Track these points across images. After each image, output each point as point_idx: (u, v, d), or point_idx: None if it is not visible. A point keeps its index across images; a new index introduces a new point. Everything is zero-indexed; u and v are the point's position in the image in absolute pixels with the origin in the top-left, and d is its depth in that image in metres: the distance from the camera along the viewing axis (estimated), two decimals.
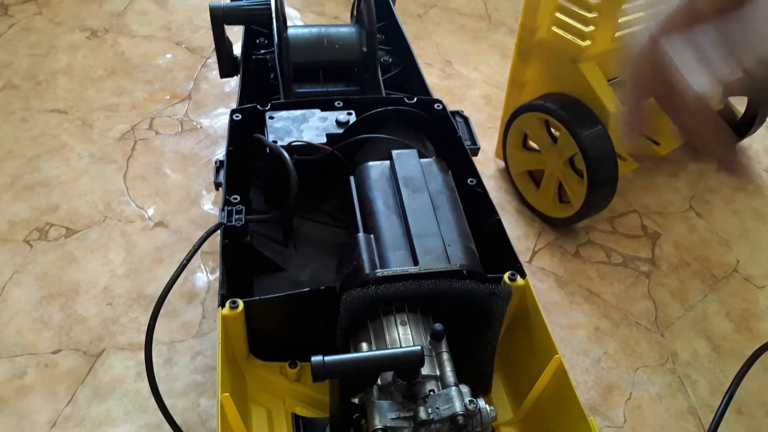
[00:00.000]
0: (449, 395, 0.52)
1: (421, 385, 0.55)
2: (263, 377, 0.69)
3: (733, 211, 1.23)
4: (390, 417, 0.53)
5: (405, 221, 0.67)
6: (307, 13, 1.68)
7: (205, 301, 1.02)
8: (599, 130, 1.02)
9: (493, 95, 1.46)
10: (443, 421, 0.52)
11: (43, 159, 1.24)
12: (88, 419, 0.87)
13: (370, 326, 0.60)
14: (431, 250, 0.63)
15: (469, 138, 0.93)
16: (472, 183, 0.77)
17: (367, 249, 0.64)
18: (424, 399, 0.53)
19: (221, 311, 0.63)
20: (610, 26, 1.02)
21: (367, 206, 0.70)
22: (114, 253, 1.08)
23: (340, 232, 0.80)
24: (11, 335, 0.96)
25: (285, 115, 0.83)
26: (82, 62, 1.47)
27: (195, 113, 1.36)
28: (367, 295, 0.59)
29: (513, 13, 1.71)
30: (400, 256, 0.63)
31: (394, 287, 0.59)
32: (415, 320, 0.60)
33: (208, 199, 1.18)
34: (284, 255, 0.77)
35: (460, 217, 0.69)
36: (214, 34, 1.06)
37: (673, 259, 1.14)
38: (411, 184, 0.71)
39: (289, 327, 0.69)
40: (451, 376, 0.55)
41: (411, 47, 1.07)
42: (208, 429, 0.87)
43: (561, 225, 1.16)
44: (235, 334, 0.65)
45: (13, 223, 1.12)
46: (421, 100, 0.86)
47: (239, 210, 0.70)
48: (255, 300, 0.65)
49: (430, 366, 0.55)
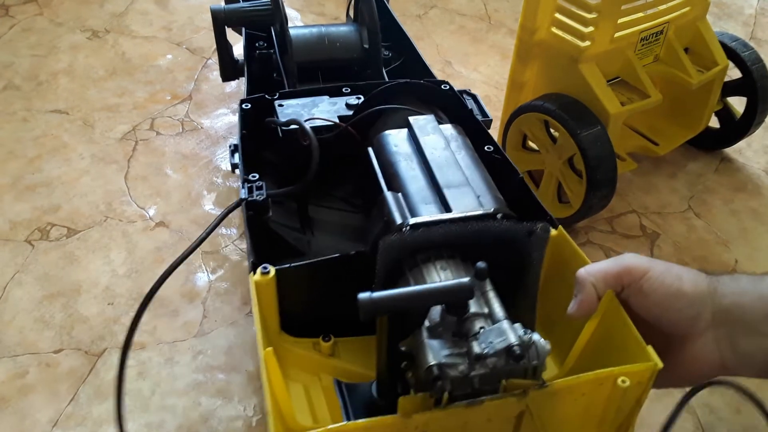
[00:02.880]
0: (502, 328, 0.50)
1: (470, 322, 0.52)
2: (297, 353, 0.68)
3: (732, 212, 1.24)
4: (443, 354, 0.50)
5: (432, 176, 0.66)
6: (307, 13, 1.69)
7: (206, 301, 1.02)
8: (598, 130, 1.03)
9: (492, 96, 1.46)
10: (498, 354, 0.49)
11: (45, 159, 1.24)
12: (90, 418, 0.87)
13: (409, 276, 0.58)
14: (463, 198, 0.63)
15: (480, 112, 0.93)
16: (490, 150, 0.77)
17: (397, 204, 0.63)
18: (476, 336, 0.51)
19: (253, 277, 0.62)
20: (609, 27, 1.03)
21: (390, 169, 0.69)
22: (115, 253, 1.08)
23: (357, 217, 0.80)
24: (13, 335, 0.97)
25: (294, 102, 0.83)
26: (83, 63, 1.48)
27: (196, 114, 1.37)
28: (405, 241, 0.56)
29: (513, 14, 1.71)
30: (432, 208, 0.62)
31: (432, 231, 0.57)
32: (455, 265, 0.58)
33: (209, 199, 1.19)
34: (303, 241, 0.76)
35: (484, 172, 0.68)
36: (216, 37, 1.06)
37: (671, 259, 1.14)
38: (433, 144, 0.70)
39: (320, 299, 0.68)
40: (501, 312, 0.53)
41: (410, 37, 1.07)
42: (208, 428, 0.87)
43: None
44: (268, 305, 0.64)
45: (14, 223, 1.13)
46: (427, 82, 0.86)
47: (259, 186, 0.70)
48: (286, 267, 0.64)
49: (478, 305, 0.53)
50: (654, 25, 1.08)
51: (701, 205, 1.25)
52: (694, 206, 1.24)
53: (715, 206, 1.25)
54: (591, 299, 0.53)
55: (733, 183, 1.30)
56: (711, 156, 1.35)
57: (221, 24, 1.05)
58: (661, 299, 0.51)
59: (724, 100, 1.27)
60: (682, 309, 0.50)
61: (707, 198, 1.26)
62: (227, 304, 1.02)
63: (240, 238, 1.13)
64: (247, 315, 1.00)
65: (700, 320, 0.50)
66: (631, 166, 1.18)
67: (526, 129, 1.14)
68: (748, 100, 1.23)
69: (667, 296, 0.50)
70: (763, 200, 1.26)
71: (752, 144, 1.38)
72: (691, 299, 0.50)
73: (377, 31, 0.97)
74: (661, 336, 0.52)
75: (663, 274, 0.51)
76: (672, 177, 1.30)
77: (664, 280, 0.51)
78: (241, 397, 0.90)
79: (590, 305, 0.54)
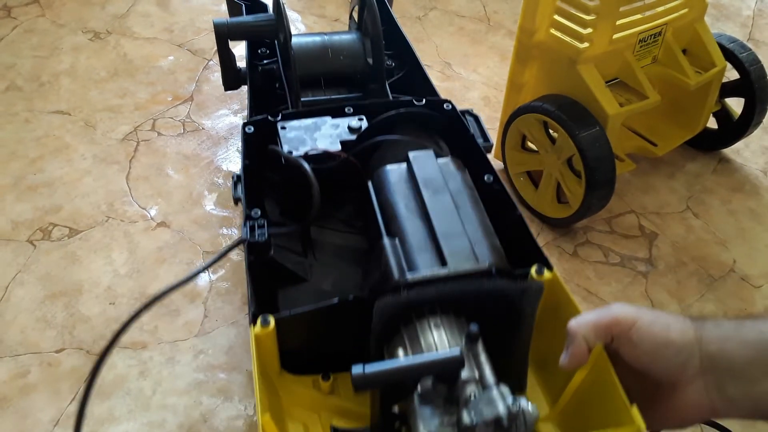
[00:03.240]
0: (491, 397, 0.52)
1: (461, 388, 0.54)
2: (297, 392, 0.69)
3: (730, 212, 1.24)
4: (434, 423, 0.52)
5: (429, 222, 0.66)
6: (307, 15, 1.69)
7: (207, 301, 1.03)
8: (597, 131, 1.03)
9: (492, 97, 1.47)
10: (487, 424, 0.51)
11: (47, 160, 1.25)
12: (91, 417, 0.88)
13: (403, 332, 0.60)
14: (458, 250, 0.63)
15: (481, 135, 0.92)
16: (489, 180, 0.77)
17: (394, 253, 0.64)
18: (466, 402, 0.53)
19: (253, 329, 0.62)
20: (608, 29, 1.03)
21: (389, 210, 0.70)
22: (117, 253, 1.09)
23: (358, 239, 0.80)
24: (15, 334, 0.97)
25: (297, 125, 0.83)
26: (85, 64, 1.48)
27: (197, 114, 1.38)
28: (399, 301, 0.58)
29: (512, 16, 1.72)
30: (427, 258, 0.63)
31: (426, 291, 0.59)
32: (448, 322, 0.59)
33: (210, 199, 1.20)
34: (304, 265, 0.76)
35: (482, 215, 0.69)
36: (219, 49, 1.05)
37: (670, 259, 1.15)
38: (431, 185, 0.70)
39: (319, 339, 0.69)
40: (491, 377, 0.54)
41: (414, 50, 1.07)
42: (209, 427, 0.88)
43: (559, 225, 1.17)
44: (268, 351, 0.65)
45: (16, 223, 1.13)
46: (430, 102, 0.86)
47: (261, 224, 0.70)
48: (285, 315, 0.64)
49: (469, 368, 0.55)
50: (652, 27, 1.08)
51: (699, 205, 1.25)
52: (692, 206, 1.25)
53: (714, 206, 1.25)
54: (581, 352, 0.56)
55: (731, 183, 1.30)
56: (709, 156, 1.35)
57: (224, 38, 1.03)
58: (650, 349, 0.52)
59: (722, 101, 1.27)
60: (670, 358, 0.52)
61: (705, 198, 1.27)
62: (228, 303, 1.02)
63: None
64: (247, 314, 1.01)
65: (688, 367, 0.52)
66: (630, 166, 1.18)
67: (525, 130, 1.15)
68: (746, 101, 1.24)
69: (657, 346, 0.52)
70: (760, 200, 1.27)
71: (750, 144, 1.38)
72: (679, 348, 0.52)
73: (381, 48, 0.96)
74: (652, 383, 0.54)
75: (651, 324, 0.53)
76: (670, 177, 1.30)
77: (652, 330, 0.52)
78: (241, 397, 0.91)
79: (581, 357, 0.56)
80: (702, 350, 0.52)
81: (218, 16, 1.65)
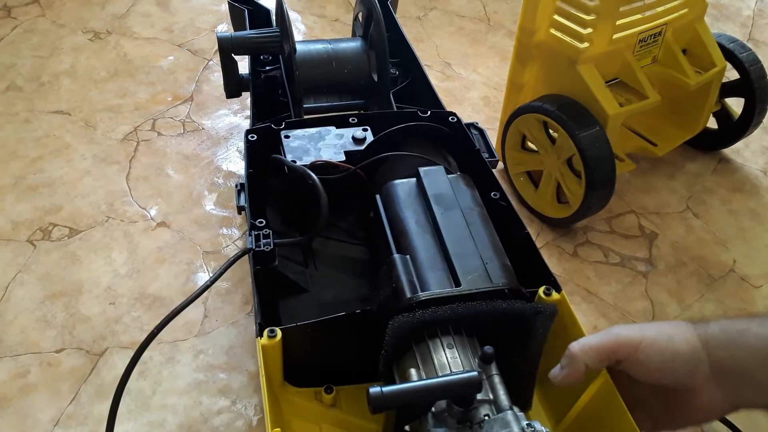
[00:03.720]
0: (506, 420, 0.52)
1: (476, 410, 0.54)
2: (299, 404, 0.68)
3: (730, 212, 1.24)
4: None
5: (440, 240, 0.65)
6: (307, 15, 1.69)
7: (207, 301, 1.03)
8: (597, 131, 1.03)
9: (491, 97, 1.47)
10: None
11: (47, 160, 1.25)
12: (91, 417, 0.88)
13: (416, 350, 0.59)
14: (471, 270, 0.62)
15: (487, 150, 0.91)
16: (496, 197, 0.76)
17: (405, 270, 0.63)
18: (480, 424, 0.52)
19: (260, 341, 0.62)
20: (608, 29, 1.03)
21: (399, 226, 0.69)
22: (117, 253, 1.09)
23: (360, 250, 0.79)
24: (15, 334, 0.97)
25: (301, 134, 0.82)
26: (85, 64, 1.48)
27: (197, 114, 1.38)
28: (414, 321, 0.58)
29: (512, 16, 1.72)
30: (439, 276, 0.62)
31: (440, 311, 0.58)
32: (461, 342, 0.59)
33: (210, 199, 1.20)
34: (306, 276, 0.76)
35: (492, 233, 0.68)
36: (222, 61, 1.04)
37: (670, 259, 1.15)
38: (442, 201, 0.69)
39: (323, 351, 0.68)
40: (506, 400, 0.54)
41: (420, 60, 1.06)
42: (209, 427, 0.88)
43: (559, 225, 1.17)
44: (273, 363, 0.65)
45: (16, 223, 1.13)
46: (435, 114, 0.85)
47: (266, 234, 0.69)
48: (292, 327, 0.64)
49: (483, 390, 0.54)
50: (652, 27, 1.08)
51: (699, 205, 1.25)
52: (692, 206, 1.25)
53: (714, 206, 1.25)
54: (578, 374, 0.56)
55: (731, 183, 1.30)
56: (709, 156, 1.35)
57: (228, 52, 1.02)
58: (659, 365, 0.54)
59: (722, 101, 1.27)
60: (679, 368, 0.53)
61: (705, 198, 1.27)
62: (228, 303, 1.03)
63: (241, 238, 1.13)
64: (247, 315, 1.01)
65: (698, 373, 0.53)
66: (630, 166, 1.18)
67: (525, 130, 1.15)
68: (746, 101, 1.24)
69: (665, 361, 0.53)
70: (760, 200, 1.27)
71: (750, 144, 1.38)
72: (687, 358, 0.53)
73: (387, 65, 0.95)
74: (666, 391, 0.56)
75: (656, 341, 0.54)
76: (670, 177, 1.30)
77: (658, 346, 0.53)
78: (241, 397, 0.91)
79: (577, 379, 0.57)
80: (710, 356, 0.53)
81: (218, 16, 1.67)
